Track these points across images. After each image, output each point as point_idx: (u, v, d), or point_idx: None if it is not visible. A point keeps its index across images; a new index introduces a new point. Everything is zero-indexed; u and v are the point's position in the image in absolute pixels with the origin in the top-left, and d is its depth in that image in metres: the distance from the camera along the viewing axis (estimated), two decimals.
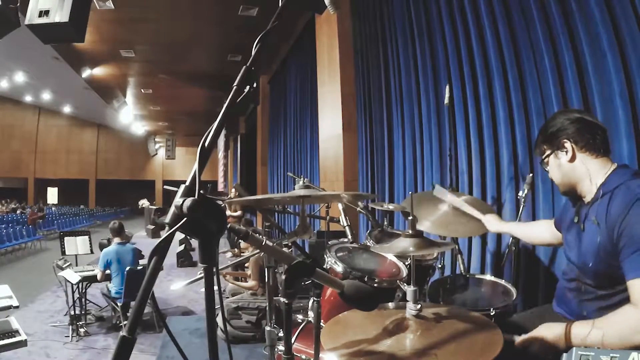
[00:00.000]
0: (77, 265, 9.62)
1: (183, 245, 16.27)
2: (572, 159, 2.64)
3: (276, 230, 3.32)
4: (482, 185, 5.27)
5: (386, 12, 7.75)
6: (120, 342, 1.21)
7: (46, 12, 6.36)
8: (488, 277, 3.83)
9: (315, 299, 2.28)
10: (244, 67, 1.62)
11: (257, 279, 8.15)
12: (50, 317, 9.56)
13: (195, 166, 1.42)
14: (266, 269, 3.07)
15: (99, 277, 8.66)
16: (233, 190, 18.06)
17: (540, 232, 3.33)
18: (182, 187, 1.40)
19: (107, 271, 8.60)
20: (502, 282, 3.66)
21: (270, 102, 18.99)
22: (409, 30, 6.98)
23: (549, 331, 2.40)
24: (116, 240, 8.83)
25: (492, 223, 3.58)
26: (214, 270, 1.43)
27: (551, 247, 4.15)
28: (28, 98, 40.24)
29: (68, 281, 8.51)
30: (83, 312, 8.76)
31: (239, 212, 15.27)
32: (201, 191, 1.38)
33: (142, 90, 24.98)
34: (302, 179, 4.06)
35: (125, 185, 50.10)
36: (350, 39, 9.12)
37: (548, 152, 2.75)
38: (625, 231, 2.30)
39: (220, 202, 1.49)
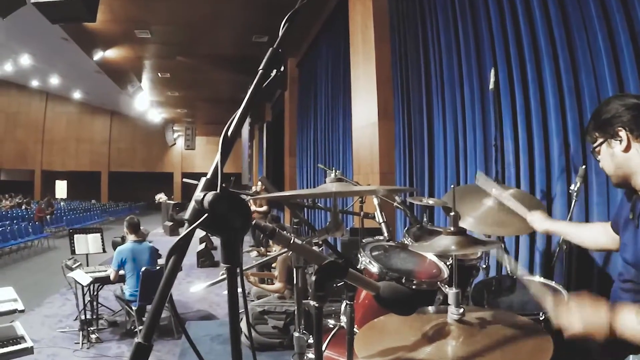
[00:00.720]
0: (88, 266, 9.59)
1: (204, 244, 16.34)
2: (627, 149, 2.61)
3: (305, 227, 3.30)
4: (530, 178, 5.28)
5: None
6: (135, 349, 1.22)
7: None
8: (537, 278, 3.80)
9: (348, 302, 2.27)
10: (271, 48, 1.62)
11: (284, 281, 8.12)
12: (59, 322, 9.61)
13: (217, 157, 1.42)
14: (295, 270, 3.06)
15: (112, 278, 8.66)
16: (259, 183, 18.09)
17: (595, 235, 3.26)
18: (203, 180, 1.40)
19: (121, 271, 8.60)
20: (552, 283, 3.62)
21: (298, 87, 19.02)
22: (450, 8, 6.98)
23: (592, 317, 2.26)
24: (131, 238, 8.83)
25: (539, 221, 3.48)
26: (238, 270, 1.42)
27: None
28: (34, 83, 40.70)
29: (78, 283, 8.49)
30: (94, 317, 8.77)
31: (264, 208, 15.32)
32: (224, 184, 1.37)
33: (159, 74, 25.13)
34: (333, 171, 4.09)
35: (140, 178, 50.46)
36: (387, 18, 9.11)
37: (600, 140, 2.72)
38: None
39: (244, 197, 1.51)
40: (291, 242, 1.89)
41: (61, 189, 50.77)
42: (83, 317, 8.48)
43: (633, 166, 2.61)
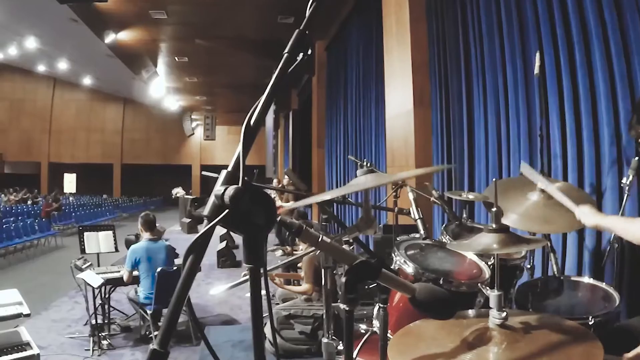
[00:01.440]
0: (99, 266, 9.64)
1: (224, 242, 16.34)
2: None
3: (335, 224, 3.32)
4: (578, 171, 5.28)
5: None
6: (151, 356, 1.23)
7: None
8: (586, 279, 3.81)
9: (381, 305, 2.29)
10: (297, 30, 1.61)
11: (312, 282, 8.08)
12: (68, 327, 9.62)
13: (239, 148, 1.42)
14: (323, 270, 3.06)
15: (125, 279, 8.64)
16: (284, 177, 18.12)
17: None
18: (224, 173, 1.41)
19: (135, 272, 8.59)
20: (603, 285, 3.64)
21: (327, 72, 19.11)
22: None
23: None
24: (146, 235, 8.78)
25: (589, 216, 3.29)
26: (262, 271, 1.43)
27: None
28: (41, 68, 40.83)
29: (88, 284, 8.41)
30: (106, 321, 8.85)
31: (290, 203, 15.35)
32: (246, 178, 1.37)
33: (176, 58, 25.23)
34: (365, 163, 4.13)
35: (156, 170, 50.52)
36: None
37: None
38: None
39: (269, 191, 1.53)
40: (319, 240, 1.89)
41: (70, 182, 50.77)
42: (94, 321, 8.48)
43: None
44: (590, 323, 3.03)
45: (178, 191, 31.25)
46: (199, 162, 51.98)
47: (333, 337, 2.94)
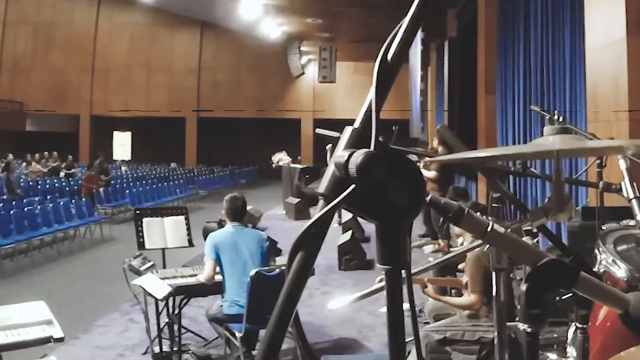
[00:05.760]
0: (164, 268, 9.74)
1: (349, 233, 16.49)
2: None
3: (511, 205, 3.42)
4: None
5: None
6: None
7: None
8: None
9: (579, 325, 2.38)
10: None
11: (478, 291, 7.74)
12: (119, 357, 9.87)
13: (371, 95, 1.37)
14: (494, 274, 3.02)
15: (205, 276, 8.48)
16: (436, 137, 18.19)
17: None
18: (348, 130, 1.39)
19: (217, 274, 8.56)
20: None
21: None
22: None
23: None
24: (233, 223, 8.83)
25: None
26: (404, 275, 1.39)
27: None
28: None
29: (149, 294, 8.44)
30: (175, 349, 8.83)
31: (433, 174, 15.21)
32: (381, 138, 1.32)
33: None
34: (555, 116, 4.27)
35: (248, 127, 51.34)
36: None
37: None
38: None
39: (415, 158, 1.67)
40: (488, 229, 1.84)
41: (122, 145, 51.48)
42: (157, 349, 8.68)
43: None
44: None
45: (281, 158, 31.70)
46: (311, 116, 52.37)
47: None
